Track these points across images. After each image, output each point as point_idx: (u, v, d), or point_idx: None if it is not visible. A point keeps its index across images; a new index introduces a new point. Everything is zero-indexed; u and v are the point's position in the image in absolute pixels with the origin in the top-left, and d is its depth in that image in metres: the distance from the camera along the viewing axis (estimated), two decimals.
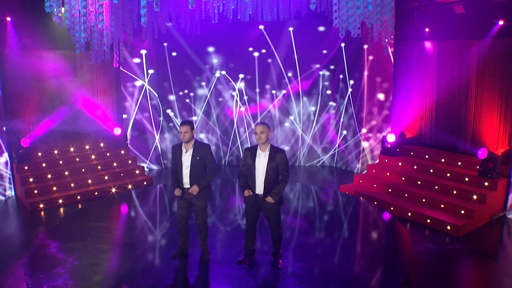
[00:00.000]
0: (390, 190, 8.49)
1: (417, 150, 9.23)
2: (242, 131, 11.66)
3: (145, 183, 9.76)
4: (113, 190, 9.26)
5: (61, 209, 8.44)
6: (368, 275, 5.35)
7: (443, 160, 8.70)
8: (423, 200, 7.89)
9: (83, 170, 9.46)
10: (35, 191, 8.60)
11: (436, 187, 8.08)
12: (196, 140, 5.32)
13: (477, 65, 8.30)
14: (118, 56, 8.41)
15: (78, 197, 8.82)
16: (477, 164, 8.02)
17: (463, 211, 7.30)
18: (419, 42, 9.15)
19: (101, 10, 5.73)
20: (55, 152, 9.65)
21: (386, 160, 9.41)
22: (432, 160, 8.89)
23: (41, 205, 8.37)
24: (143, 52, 10.69)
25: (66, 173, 9.24)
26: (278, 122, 11.54)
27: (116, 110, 10.76)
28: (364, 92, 10.41)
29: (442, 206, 7.60)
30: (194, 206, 5.38)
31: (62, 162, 9.48)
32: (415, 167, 8.85)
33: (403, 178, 8.69)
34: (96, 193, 9.06)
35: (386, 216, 7.23)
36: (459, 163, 8.42)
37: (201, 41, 11.02)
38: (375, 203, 8.10)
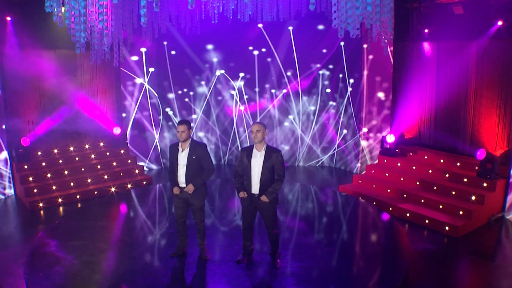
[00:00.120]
0: (389, 191, 8.51)
1: (416, 151, 9.24)
2: (242, 131, 11.67)
3: (144, 182, 9.78)
4: (113, 189, 9.28)
5: (61, 208, 8.47)
6: (366, 275, 5.36)
7: (442, 160, 8.72)
8: (422, 201, 7.90)
9: (83, 169, 9.49)
10: (35, 190, 8.62)
11: (435, 187, 8.10)
12: (192, 139, 5.33)
13: (476, 66, 8.32)
14: (118, 56, 8.43)
15: (78, 196, 8.85)
16: (476, 165, 8.04)
17: (461, 212, 7.32)
18: (418, 42, 9.17)
19: (101, 10, 5.75)
20: (55, 151, 9.67)
21: (385, 161, 9.43)
22: (431, 160, 8.91)
23: (41, 204, 8.39)
24: (143, 50, 10.71)
25: (66, 172, 9.27)
26: (278, 122, 11.55)
27: (116, 109, 10.78)
28: (364, 91, 10.42)
29: (440, 206, 7.61)
30: (191, 205, 5.39)
31: (62, 161, 9.50)
32: (414, 167, 8.87)
33: (402, 179, 8.71)
34: (96, 192, 9.09)
35: (385, 217, 7.24)
36: (458, 164, 8.44)
37: (201, 41, 11.04)
38: (374, 203, 8.11)
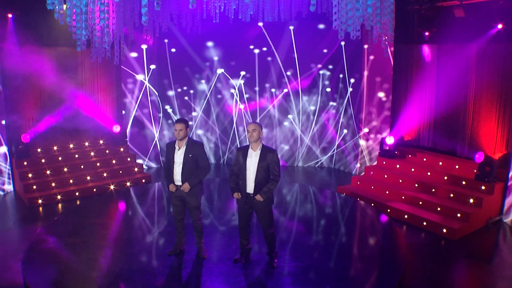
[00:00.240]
0: (387, 192, 8.52)
1: (415, 153, 9.26)
2: (242, 130, 11.68)
3: (143, 180, 9.80)
4: (112, 187, 9.29)
5: (60, 205, 8.48)
6: (363, 276, 5.38)
7: (440, 163, 8.73)
8: (420, 203, 7.91)
9: (82, 166, 9.51)
10: (34, 187, 8.64)
11: (433, 190, 8.11)
12: (189, 138, 5.37)
13: (476, 69, 8.33)
14: (119, 54, 8.45)
15: (77, 193, 8.86)
16: (475, 168, 8.05)
17: (459, 215, 7.33)
18: (419, 45, 9.19)
19: (103, 8, 5.76)
20: (55, 148, 9.69)
21: (384, 162, 9.44)
22: (430, 163, 8.92)
23: (40, 201, 8.40)
24: (144, 47, 10.73)
25: (65, 169, 9.28)
26: (278, 122, 11.57)
27: (116, 107, 10.79)
28: (364, 92, 10.44)
29: (438, 209, 7.62)
30: (187, 203, 5.42)
31: (62, 158, 9.51)
32: (413, 169, 8.89)
33: (400, 181, 8.72)
34: (95, 190, 9.10)
35: (383, 218, 7.26)
36: (457, 167, 8.45)
37: (202, 40, 11.07)
38: (372, 204, 8.13)
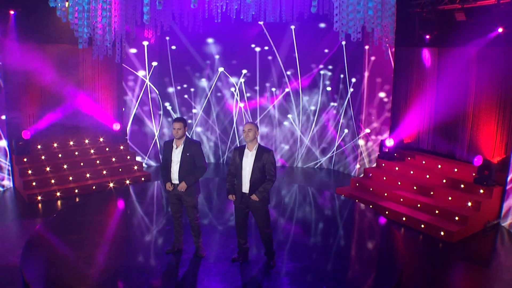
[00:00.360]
0: (386, 194, 8.54)
1: (414, 156, 9.27)
2: (242, 130, 11.67)
3: (143, 179, 9.82)
4: (111, 185, 9.31)
5: (59, 202, 8.50)
6: (360, 277, 5.40)
7: (439, 166, 8.74)
8: (418, 205, 7.93)
9: (82, 164, 9.52)
10: (34, 183, 8.65)
11: (432, 192, 8.12)
12: (187, 137, 5.39)
13: (477, 72, 8.34)
14: (120, 52, 8.46)
15: (76, 190, 8.88)
16: (474, 171, 8.06)
17: (457, 218, 7.34)
18: (419, 48, 9.20)
19: (105, 6, 5.78)
20: (55, 145, 9.71)
21: (383, 164, 9.45)
22: (429, 166, 8.93)
23: (39, 197, 8.42)
24: (145, 43, 10.74)
25: (65, 166, 9.30)
26: (277, 123, 11.58)
27: (116, 105, 10.80)
28: (364, 93, 10.45)
29: (436, 211, 7.64)
30: (184, 202, 5.43)
31: (61, 155, 9.53)
32: (412, 172, 8.90)
33: (399, 183, 8.73)
34: (94, 187, 9.12)
35: (381, 220, 7.27)
36: (456, 170, 8.46)
37: (203, 39, 11.08)
38: (371, 206, 8.14)
